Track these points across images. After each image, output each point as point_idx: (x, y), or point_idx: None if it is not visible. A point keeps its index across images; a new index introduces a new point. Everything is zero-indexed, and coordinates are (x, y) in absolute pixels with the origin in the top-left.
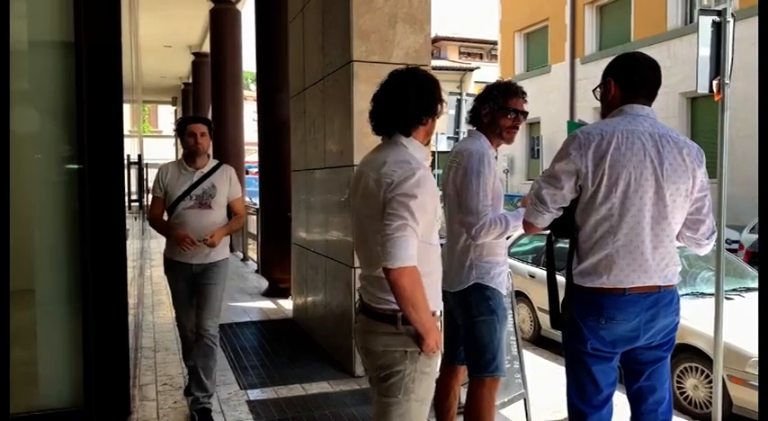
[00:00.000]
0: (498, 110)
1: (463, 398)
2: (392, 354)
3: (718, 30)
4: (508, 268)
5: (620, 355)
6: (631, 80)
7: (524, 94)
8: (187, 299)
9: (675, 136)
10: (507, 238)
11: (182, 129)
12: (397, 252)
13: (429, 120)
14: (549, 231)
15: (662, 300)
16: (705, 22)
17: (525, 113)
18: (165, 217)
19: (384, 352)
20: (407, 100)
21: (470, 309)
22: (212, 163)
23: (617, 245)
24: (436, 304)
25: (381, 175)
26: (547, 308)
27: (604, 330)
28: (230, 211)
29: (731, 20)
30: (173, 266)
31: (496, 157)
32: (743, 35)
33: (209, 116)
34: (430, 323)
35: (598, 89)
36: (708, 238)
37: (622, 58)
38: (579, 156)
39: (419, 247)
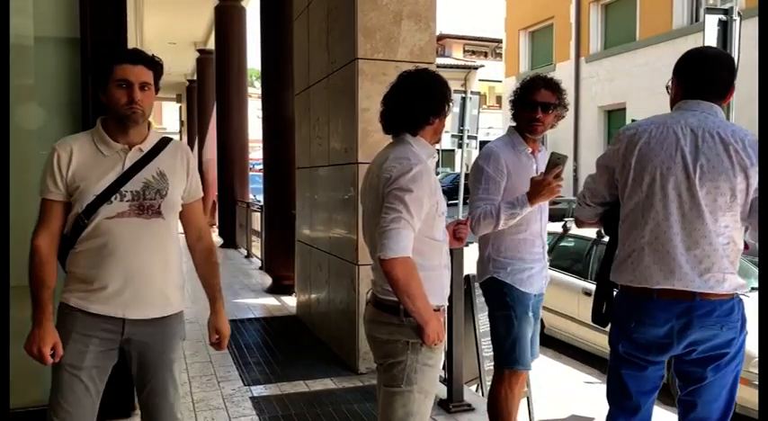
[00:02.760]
0: (521, 105)
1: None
2: (395, 344)
3: (725, 28)
4: (545, 269)
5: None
6: (691, 79)
7: (548, 85)
8: (92, 384)
9: (729, 132)
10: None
11: (104, 73)
12: (390, 243)
13: (437, 120)
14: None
15: (696, 309)
16: (711, 21)
17: (548, 105)
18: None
19: (388, 341)
20: (415, 101)
21: (490, 303)
22: (154, 137)
23: (642, 242)
24: (440, 299)
25: (382, 171)
26: (551, 307)
27: (635, 333)
28: (183, 224)
29: (737, 18)
30: (83, 323)
31: (532, 152)
32: (749, 34)
33: (214, 113)
34: (428, 314)
35: (670, 85)
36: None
37: (687, 54)
38: (613, 152)
39: (421, 242)
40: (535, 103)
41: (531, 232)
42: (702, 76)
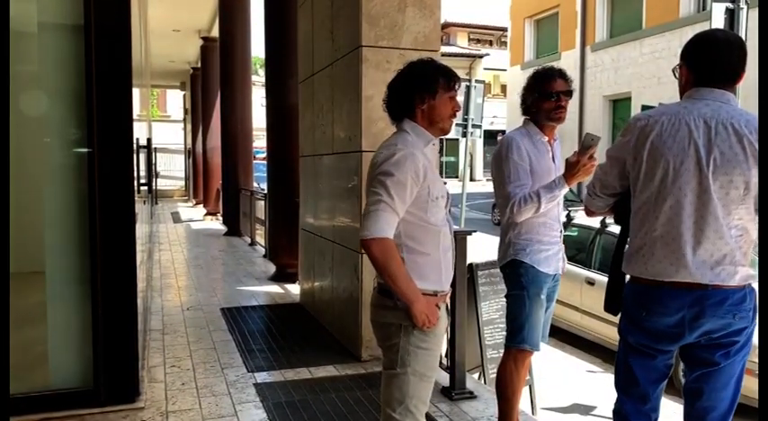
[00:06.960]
0: (539, 97)
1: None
2: (389, 327)
3: (732, 17)
4: (561, 252)
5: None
6: (701, 65)
7: (562, 74)
8: None
9: (743, 122)
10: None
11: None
12: (368, 224)
13: (425, 100)
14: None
15: (709, 298)
16: (718, 10)
17: (567, 92)
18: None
19: (384, 324)
20: (400, 83)
21: (507, 284)
22: None
23: (654, 235)
24: (437, 284)
25: (373, 157)
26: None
27: (646, 322)
28: None
29: (745, 7)
30: None
31: (548, 140)
32: (756, 23)
33: (218, 101)
34: (411, 294)
35: (677, 70)
36: None
37: (695, 38)
38: (624, 143)
39: (413, 226)
40: (557, 93)
41: (550, 216)
42: (713, 63)
